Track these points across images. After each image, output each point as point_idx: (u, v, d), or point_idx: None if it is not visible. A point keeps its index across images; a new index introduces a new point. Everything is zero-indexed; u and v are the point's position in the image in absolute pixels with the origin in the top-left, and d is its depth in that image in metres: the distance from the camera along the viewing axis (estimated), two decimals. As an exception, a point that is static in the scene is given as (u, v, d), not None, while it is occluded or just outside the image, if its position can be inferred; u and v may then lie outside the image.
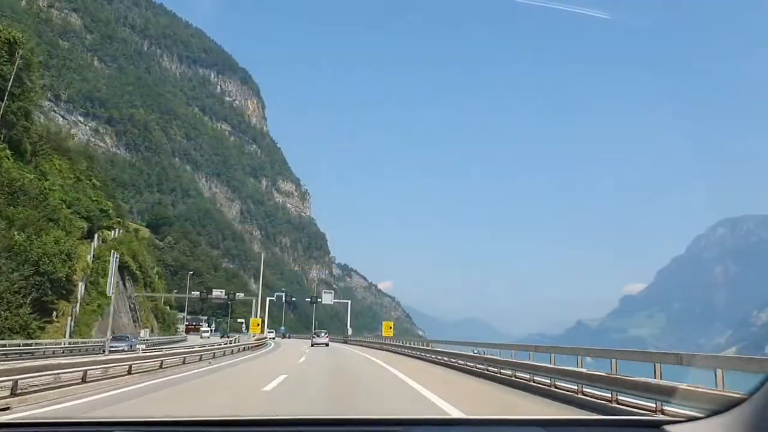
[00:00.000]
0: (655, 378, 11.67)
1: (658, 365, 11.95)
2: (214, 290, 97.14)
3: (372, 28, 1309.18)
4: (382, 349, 51.73)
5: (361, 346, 63.55)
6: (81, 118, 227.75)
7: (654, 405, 11.28)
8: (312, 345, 60.59)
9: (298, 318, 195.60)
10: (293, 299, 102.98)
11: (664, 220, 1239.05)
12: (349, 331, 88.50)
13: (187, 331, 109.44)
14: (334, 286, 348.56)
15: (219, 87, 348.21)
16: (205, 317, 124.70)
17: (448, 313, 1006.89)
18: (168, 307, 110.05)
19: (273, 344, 65.45)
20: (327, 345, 60.65)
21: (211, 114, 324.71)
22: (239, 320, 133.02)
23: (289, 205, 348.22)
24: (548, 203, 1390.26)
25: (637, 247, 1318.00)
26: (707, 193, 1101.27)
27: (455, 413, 11.70)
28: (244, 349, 45.85)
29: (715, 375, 10.14)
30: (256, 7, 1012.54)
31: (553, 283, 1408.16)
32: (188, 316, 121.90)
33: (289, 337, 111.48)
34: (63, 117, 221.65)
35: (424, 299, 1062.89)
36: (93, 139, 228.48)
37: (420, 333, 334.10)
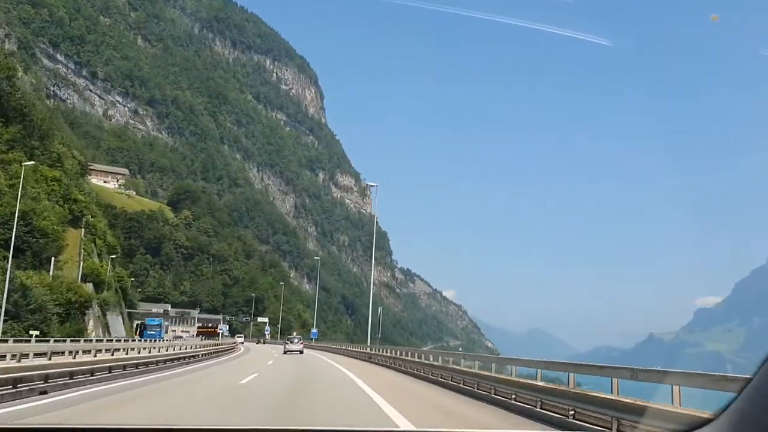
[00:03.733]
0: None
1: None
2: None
3: (441, 37, 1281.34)
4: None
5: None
6: (119, 98, 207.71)
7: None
8: (285, 352, 55.55)
9: (356, 324, 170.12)
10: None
11: (741, 229, 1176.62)
12: None
13: (200, 333, 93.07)
14: (397, 290, 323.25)
15: (275, 74, 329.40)
16: (228, 317, 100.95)
17: (513, 324, 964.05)
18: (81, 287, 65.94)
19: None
20: (301, 352, 56.46)
21: (266, 102, 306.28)
22: (260, 319, 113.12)
23: (347, 201, 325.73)
24: (618, 211, 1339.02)
25: (712, 257, 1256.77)
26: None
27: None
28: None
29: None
30: None
31: (622, 293, 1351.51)
32: (201, 315, 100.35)
33: (264, 342, 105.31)
34: (99, 96, 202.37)
35: (487, 308, 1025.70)
36: (132, 121, 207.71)
37: (488, 345, 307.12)
